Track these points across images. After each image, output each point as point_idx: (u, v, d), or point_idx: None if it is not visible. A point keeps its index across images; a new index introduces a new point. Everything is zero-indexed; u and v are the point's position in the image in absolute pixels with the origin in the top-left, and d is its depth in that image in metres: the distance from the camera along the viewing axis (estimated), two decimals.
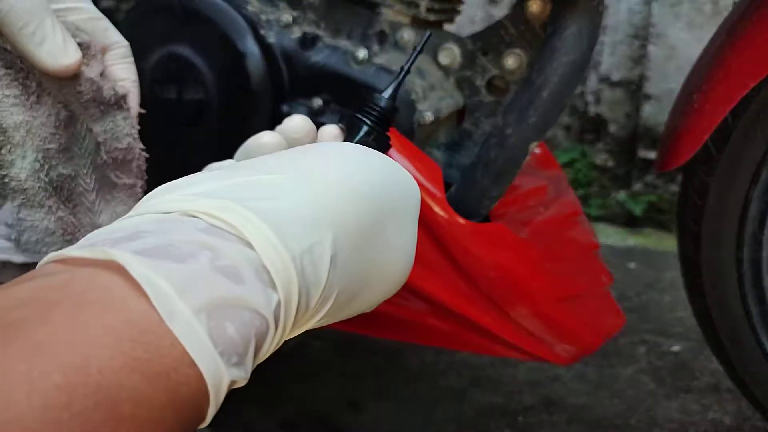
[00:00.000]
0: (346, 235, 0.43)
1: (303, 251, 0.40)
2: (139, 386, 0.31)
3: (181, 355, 0.33)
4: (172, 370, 0.33)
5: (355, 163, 0.47)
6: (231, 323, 0.35)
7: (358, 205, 0.45)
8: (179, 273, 0.35)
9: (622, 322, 1.17)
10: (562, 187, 1.27)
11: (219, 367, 0.35)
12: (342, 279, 0.44)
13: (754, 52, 1.05)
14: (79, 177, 0.65)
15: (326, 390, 1.54)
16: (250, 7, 1.01)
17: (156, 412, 0.32)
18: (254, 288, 0.37)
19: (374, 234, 0.46)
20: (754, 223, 1.13)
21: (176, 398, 0.33)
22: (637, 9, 2.46)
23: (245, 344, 0.36)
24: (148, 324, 0.33)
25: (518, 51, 1.01)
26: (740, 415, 1.46)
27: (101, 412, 0.30)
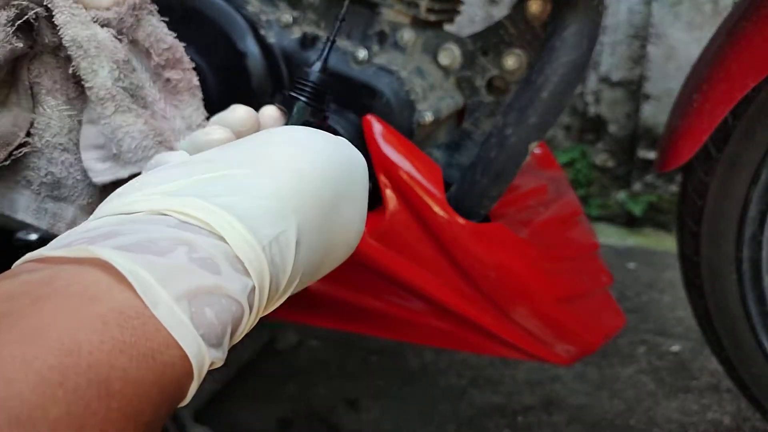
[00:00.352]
0: (307, 219, 0.47)
1: (271, 240, 0.43)
2: (127, 366, 0.34)
3: (165, 338, 0.36)
4: (157, 352, 0.36)
5: (307, 149, 0.49)
6: (210, 309, 0.39)
7: (316, 189, 0.48)
8: (160, 265, 0.38)
9: (622, 322, 1.17)
10: (562, 187, 1.27)
11: (201, 349, 0.38)
12: (306, 259, 0.48)
13: (753, 52, 1.05)
14: (145, 87, 0.68)
15: (325, 389, 1.54)
16: (250, 7, 1.01)
17: (143, 389, 0.35)
18: (230, 277, 0.40)
19: (332, 211, 0.50)
20: (753, 223, 1.13)
21: (161, 378, 0.36)
22: (637, 9, 2.46)
23: (223, 328, 0.40)
24: (134, 311, 0.36)
25: (518, 51, 1.01)
26: (740, 415, 1.47)
27: (93, 389, 0.32)
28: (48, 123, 0.65)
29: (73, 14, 0.61)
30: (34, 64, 0.64)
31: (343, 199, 0.51)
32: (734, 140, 1.10)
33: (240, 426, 1.42)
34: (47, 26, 0.62)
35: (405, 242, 0.98)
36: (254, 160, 0.47)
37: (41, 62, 0.64)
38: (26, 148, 0.65)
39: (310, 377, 1.58)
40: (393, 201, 0.96)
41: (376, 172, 0.95)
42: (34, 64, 0.64)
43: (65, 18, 0.60)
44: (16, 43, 0.60)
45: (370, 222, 0.98)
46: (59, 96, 0.65)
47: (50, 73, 0.64)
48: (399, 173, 0.94)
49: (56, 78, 0.65)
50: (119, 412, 0.33)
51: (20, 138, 0.64)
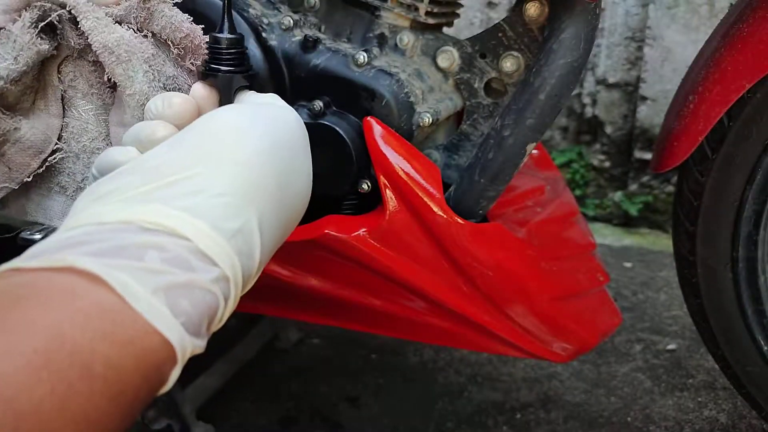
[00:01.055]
0: (265, 203, 0.49)
1: (235, 233, 0.46)
2: (109, 352, 0.37)
3: (144, 326, 0.39)
4: (137, 339, 0.38)
5: (247, 135, 0.51)
6: (185, 300, 0.41)
7: (267, 171, 0.50)
8: (133, 267, 0.40)
9: (619, 320, 1.18)
10: (559, 188, 1.28)
11: (183, 336, 0.41)
12: (271, 239, 0.50)
13: (749, 54, 1.05)
14: (178, 77, 0.68)
15: (326, 386, 1.55)
16: (252, 10, 1.02)
17: (124, 373, 0.37)
18: (201, 270, 0.43)
19: (284, 186, 0.52)
20: (749, 223, 1.14)
21: (142, 363, 0.38)
22: (633, 11, 2.47)
23: (200, 317, 0.42)
24: (113, 305, 0.38)
25: (516, 54, 1.02)
26: (736, 413, 1.48)
27: (75, 371, 0.35)
28: (85, 127, 0.65)
29: (97, 18, 0.60)
30: (68, 68, 0.64)
31: (292, 167, 0.53)
32: (730, 141, 1.10)
33: (243, 424, 1.43)
34: (71, 28, 0.62)
35: (404, 242, 0.99)
36: (202, 157, 0.48)
37: (75, 66, 0.64)
38: (60, 153, 0.65)
39: (311, 375, 1.59)
40: (392, 201, 0.96)
41: (376, 172, 0.96)
42: (68, 67, 0.64)
43: (91, 24, 0.60)
44: (41, 45, 0.60)
45: (370, 222, 0.99)
46: (96, 100, 0.64)
47: (86, 76, 0.64)
48: (398, 174, 0.95)
49: (92, 82, 0.64)
50: (101, 393, 0.36)
51: (53, 144, 0.64)
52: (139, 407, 0.39)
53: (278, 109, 0.56)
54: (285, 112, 0.56)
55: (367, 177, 0.99)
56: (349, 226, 0.98)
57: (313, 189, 1.03)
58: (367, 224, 0.98)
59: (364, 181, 0.99)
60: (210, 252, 0.44)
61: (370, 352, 1.68)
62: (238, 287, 0.46)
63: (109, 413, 0.37)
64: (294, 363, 1.64)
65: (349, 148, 0.96)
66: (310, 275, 1.07)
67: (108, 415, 0.37)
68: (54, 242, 0.42)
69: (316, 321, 1.18)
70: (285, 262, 1.06)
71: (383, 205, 0.97)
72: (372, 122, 0.95)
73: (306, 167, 0.56)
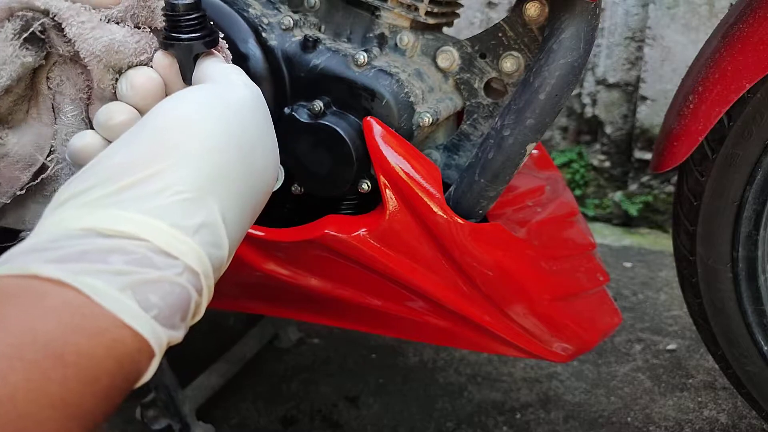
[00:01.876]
0: (227, 190, 0.49)
1: (198, 227, 0.46)
2: (80, 341, 0.39)
3: (113, 319, 0.40)
4: (106, 331, 0.40)
5: (202, 122, 0.50)
6: (154, 295, 0.42)
7: (225, 158, 0.50)
8: (98, 270, 0.41)
9: (619, 320, 1.18)
10: (559, 188, 1.28)
11: (155, 327, 0.42)
12: (239, 224, 0.51)
13: (749, 54, 1.05)
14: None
15: (326, 386, 1.55)
16: (252, 10, 1.02)
17: (96, 360, 0.39)
18: (166, 268, 0.44)
19: (246, 164, 0.52)
20: (749, 223, 1.14)
21: (113, 351, 0.40)
22: (633, 11, 2.47)
23: (171, 309, 0.43)
24: (82, 303, 0.40)
25: (516, 54, 1.02)
26: (736, 413, 1.48)
27: (49, 361, 0.37)
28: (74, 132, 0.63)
29: (81, 23, 0.58)
30: (54, 72, 0.62)
31: (252, 148, 0.52)
32: (730, 141, 1.10)
33: (243, 423, 1.43)
34: (58, 36, 0.60)
35: (404, 242, 0.99)
36: (156, 156, 0.47)
37: (62, 70, 0.62)
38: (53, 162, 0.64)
39: (311, 374, 1.59)
40: (392, 201, 0.97)
41: (376, 172, 0.96)
42: (54, 72, 0.62)
43: (76, 30, 0.58)
44: (26, 57, 0.59)
45: (370, 222, 0.99)
46: (83, 105, 0.62)
47: (74, 80, 0.62)
48: (398, 174, 0.95)
49: (80, 86, 0.63)
50: (76, 379, 0.38)
51: (44, 156, 0.63)
52: (118, 394, 0.41)
53: (233, 89, 0.54)
54: (239, 91, 0.54)
55: (367, 177, 0.99)
56: (349, 226, 0.99)
57: (313, 189, 1.03)
58: (367, 224, 0.99)
59: (364, 181, 0.99)
60: (173, 250, 0.44)
61: (370, 351, 1.68)
62: (210, 278, 0.47)
63: (85, 397, 0.39)
64: (294, 363, 1.64)
65: (349, 148, 0.96)
66: (310, 275, 1.07)
67: (84, 399, 0.39)
68: (20, 250, 0.43)
69: (316, 321, 1.18)
70: (285, 262, 1.06)
71: (383, 205, 0.97)
72: (372, 122, 0.96)
73: (269, 144, 0.55)
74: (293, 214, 1.08)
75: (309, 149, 0.98)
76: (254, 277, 1.09)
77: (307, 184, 1.02)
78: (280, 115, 1.00)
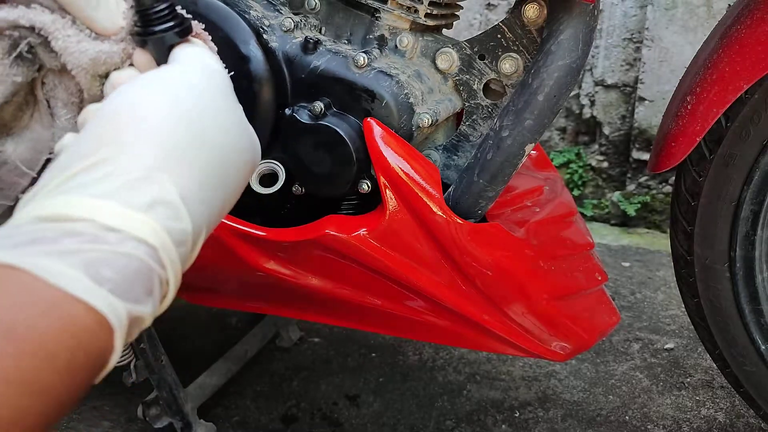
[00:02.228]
0: (181, 167, 0.49)
1: (150, 203, 0.46)
2: (32, 318, 0.39)
3: (62, 295, 0.40)
4: (56, 306, 0.40)
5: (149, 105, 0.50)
6: (107, 268, 0.42)
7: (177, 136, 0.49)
8: (48, 251, 0.41)
9: (617, 319, 1.18)
10: (557, 188, 1.28)
11: (112, 301, 0.42)
12: (203, 200, 0.50)
13: (747, 54, 1.06)
14: None
15: (326, 385, 1.56)
16: (254, 12, 1.02)
17: (51, 336, 0.39)
18: (118, 243, 0.43)
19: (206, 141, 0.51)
20: (746, 223, 1.14)
21: (70, 327, 0.40)
22: (631, 13, 2.48)
23: (127, 281, 0.43)
24: (31, 282, 0.40)
25: (515, 55, 1.02)
26: (733, 412, 1.48)
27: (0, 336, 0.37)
28: None
29: (68, 36, 0.58)
30: (48, 78, 0.63)
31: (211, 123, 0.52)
32: (727, 141, 1.11)
33: (244, 422, 1.44)
34: (45, 51, 0.60)
35: (404, 242, 1.00)
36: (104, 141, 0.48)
37: (54, 75, 0.62)
38: None
39: (312, 373, 1.60)
40: (392, 201, 0.97)
41: (376, 173, 0.96)
42: (48, 78, 0.63)
43: (62, 44, 0.58)
44: (17, 77, 0.59)
45: (370, 222, 0.99)
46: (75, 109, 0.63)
47: (65, 84, 0.63)
48: (398, 174, 0.96)
49: (72, 90, 0.63)
50: (30, 354, 0.38)
51: (42, 161, 0.63)
52: (83, 371, 0.41)
53: (186, 68, 0.54)
54: (192, 70, 0.54)
55: (367, 177, 1.00)
56: (350, 226, 0.99)
57: (313, 189, 1.04)
58: (367, 224, 0.99)
59: (364, 181, 1.00)
60: (125, 227, 0.44)
61: (370, 350, 1.69)
62: (171, 251, 0.46)
63: (43, 373, 0.38)
64: (295, 361, 1.64)
65: (350, 148, 0.96)
66: (311, 275, 1.08)
67: (42, 375, 0.38)
68: None
69: (316, 320, 1.19)
70: (286, 261, 1.07)
71: (383, 205, 0.98)
72: (372, 123, 0.96)
73: (227, 120, 0.54)
74: (294, 215, 1.09)
75: (310, 150, 0.99)
76: (256, 276, 1.09)
77: (307, 185, 1.03)
78: (281, 116, 1.01)
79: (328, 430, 1.42)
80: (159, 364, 1.27)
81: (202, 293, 1.27)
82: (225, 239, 1.04)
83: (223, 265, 1.09)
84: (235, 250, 1.04)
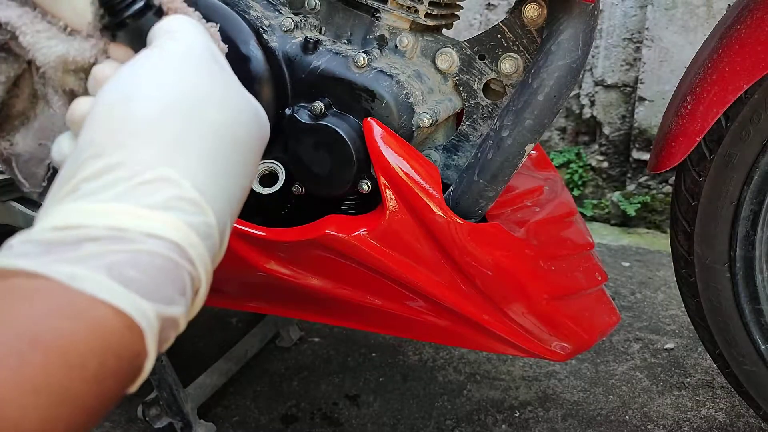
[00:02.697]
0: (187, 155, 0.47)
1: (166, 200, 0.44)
2: (58, 324, 0.37)
3: (89, 300, 0.39)
4: (83, 311, 0.38)
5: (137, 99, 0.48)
6: (131, 269, 0.41)
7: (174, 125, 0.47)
8: (68, 258, 0.40)
9: (617, 319, 1.18)
10: (557, 188, 1.28)
11: (139, 303, 0.40)
12: (218, 184, 0.48)
13: (747, 54, 1.06)
14: None
15: (326, 385, 1.56)
16: (254, 12, 1.02)
17: (79, 343, 0.38)
18: (141, 243, 0.42)
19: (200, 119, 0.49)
20: (746, 223, 1.14)
21: (98, 332, 0.39)
22: (631, 13, 2.48)
23: (155, 281, 0.42)
24: (55, 289, 0.39)
25: (515, 55, 1.02)
26: (733, 412, 1.48)
27: (25, 344, 0.36)
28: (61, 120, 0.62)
29: (37, 32, 0.57)
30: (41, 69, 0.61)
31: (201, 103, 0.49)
32: (727, 141, 1.11)
33: (244, 422, 1.44)
34: (18, 46, 0.58)
35: (404, 242, 1.00)
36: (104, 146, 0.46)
37: None
38: None
39: (312, 373, 1.60)
40: (392, 201, 0.97)
41: (376, 173, 0.96)
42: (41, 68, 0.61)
43: (30, 39, 0.57)
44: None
45: (370, 222, 0.99)
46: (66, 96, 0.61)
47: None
48: (398, 174, 0.96)
49: None
50: (58, 363, 0.37)
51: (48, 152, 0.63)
52: (113, 379, 0.39)
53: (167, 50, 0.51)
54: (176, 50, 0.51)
55: (368, 177, 1.00)
56: (350, 226, 0.99)
57: (314, 189, 1.04)
58: (367, 224, 0.99)
59: (364, 181, 1.00)
60: (143, 226, 0.43)
61: (370, 350, 1.69)
62: (198, 246, 0.45)
63: (73, 382, 0.37)
64: (295, 361, 1.65)
65: (350, 148, 0.96)
66: (311, 275, 1.08)
67: (71, 384, 0.37)
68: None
69: (316, 320, 1.19)
70: (287, 261, 1.07)
71: (383, 205, 0.98)
72: (372, 123, 0.96)
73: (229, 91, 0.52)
74: (294, 215, 1.09)
75: (310, 150, 0.99)
76: (256, 276, 1.09)
77: (307, 185, 1.03)
78: (282, 116, 1.01)
79: (328, 430, 1.42)
80: (159, 364, 1.27)
81: None
82: None
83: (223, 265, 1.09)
84: (235, 250, 1.04)
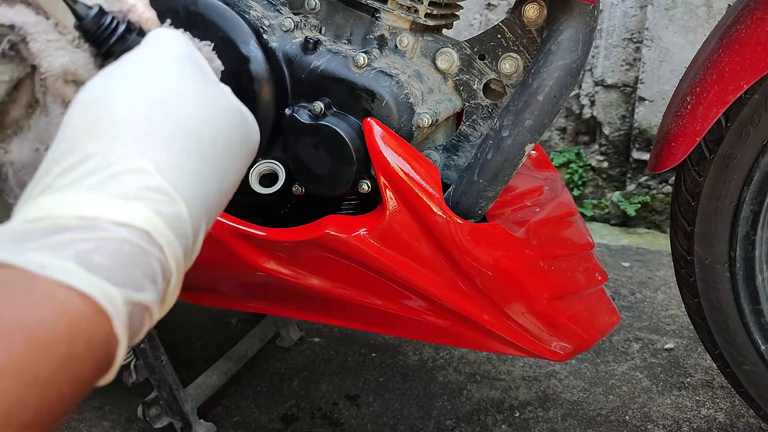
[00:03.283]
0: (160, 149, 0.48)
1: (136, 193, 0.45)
2: (27, 310, 0.38)
3: (55, 285, 0.40)
4: (49, 297, 0.39)
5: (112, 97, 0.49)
6: (98, 255, 0.41)
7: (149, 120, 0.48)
8: (39, 246, 0.41)
9: (617, 319, 1.18)
10: (557, 188, 1.28)
11: (106, 288, 0.41)
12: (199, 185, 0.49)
13: (747, 54, 1.06)
14: None
15: (326, 385, 1.56)
16: (254, 12, 1.02)
17: (46, 327, 0.38)
18: (110, 230, 0.43)
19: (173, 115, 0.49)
20: (746, 223, 1.14)
21: (65, 317, 0.39)
22: (631, 13, 2.48)
23: (123, 267, 0.42)
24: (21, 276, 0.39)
25: (515, 55, 1.02)
26: (733, 412, 1.48)
27: None
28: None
29: (48, 40, 0.58)
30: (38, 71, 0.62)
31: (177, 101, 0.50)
32: (727, 141, 1.11)
33: (244, 422, 1.44)
34: (26, 50, 0.59)
35: (404, 241, 1.00)
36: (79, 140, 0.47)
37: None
38: None
39: (312, 373, 1.60)
40: (392, 201, 0.97)
41: (376, 173, 0.96)
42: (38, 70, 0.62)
43: (39, 46, 0.58)
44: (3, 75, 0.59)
45: (370, 222, 0.99)
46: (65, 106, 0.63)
47: None
48: (398, 174, 0.96)
49: None
50: (25, 346, 0.37)
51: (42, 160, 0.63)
52: (83, 362, 0.40)
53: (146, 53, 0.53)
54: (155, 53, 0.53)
55: (367, 177, 1.00)
56: (350, 226, 0.99)
57: (314, 189, 1.04)
58: (367, 224, 0.99)
59: (364, 181, 1.00)
60: (113, 215, 0.43)
61: (370, 350, 1.69)
62: (166, 235, 0.46)
63: (40, 365, 0.37)
64: (295, 361, 1.64)
65: (350, 148, 0.96)
66: (311, 275, 1.08)
67: (39, 367, 0.37)
68: None
69: (316, 320, 1.19)
70: (286, 261, 1.07)
71: (383, 205, 0.98)
72: (372, 123, 0.96)
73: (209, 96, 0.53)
74: (294, 215, 1.09)
75: (310, 150, 0.99)
76: (256, 276, 1.09)
77: (307, 185, 1.03)
78: (282, 116, 1.01)
79: (328, 430, 1.42)
80: (159, 364, 1.27)
81: (202, 293, 1.27)
82: (225, 239, 1.04)
83: (223, 265, 1.09)
84: (235, 250, 1.04)
